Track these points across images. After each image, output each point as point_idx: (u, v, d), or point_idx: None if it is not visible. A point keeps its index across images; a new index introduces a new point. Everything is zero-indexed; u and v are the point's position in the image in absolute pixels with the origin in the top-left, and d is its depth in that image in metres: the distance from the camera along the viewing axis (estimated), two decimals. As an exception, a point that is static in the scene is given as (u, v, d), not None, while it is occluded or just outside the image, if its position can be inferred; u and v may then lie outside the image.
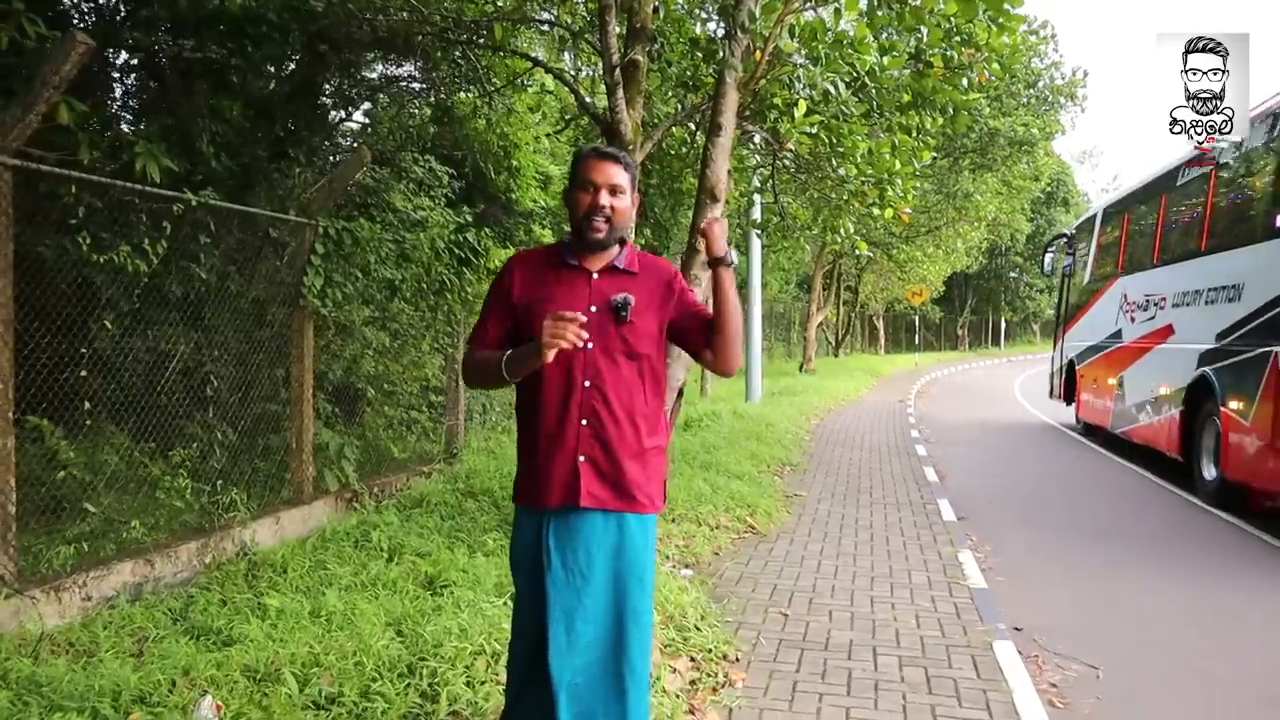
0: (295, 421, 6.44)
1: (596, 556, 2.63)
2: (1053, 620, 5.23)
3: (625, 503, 2.64)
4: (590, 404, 2.62)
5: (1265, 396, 7.49)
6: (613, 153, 2.70)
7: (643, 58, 6.46)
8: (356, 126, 9.95)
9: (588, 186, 2.64)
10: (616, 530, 2.66)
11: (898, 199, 8.19)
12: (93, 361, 5.31)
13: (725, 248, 2.66)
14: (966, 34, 7.41)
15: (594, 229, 2.63)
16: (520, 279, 2.74)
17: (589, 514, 2.63)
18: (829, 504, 8.15)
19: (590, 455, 2.62)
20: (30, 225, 4.88)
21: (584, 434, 2.62)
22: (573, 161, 2.76)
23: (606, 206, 2.63)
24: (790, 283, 34.85)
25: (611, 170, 2.66)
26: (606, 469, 2.63)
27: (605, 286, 2.67)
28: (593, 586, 2.62)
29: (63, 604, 4.48)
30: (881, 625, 4.88)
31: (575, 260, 2.70)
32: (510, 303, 2.73)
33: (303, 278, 6.32)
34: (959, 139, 20.62)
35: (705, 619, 4.63)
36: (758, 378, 16.18)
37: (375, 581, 4.87)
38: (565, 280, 2.69)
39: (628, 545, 2.66)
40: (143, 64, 7.31)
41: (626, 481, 2.63)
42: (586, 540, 2.63)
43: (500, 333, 2.75)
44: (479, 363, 2.72)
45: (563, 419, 2.63)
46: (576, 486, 2.61)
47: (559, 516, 2.64)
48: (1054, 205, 51.58)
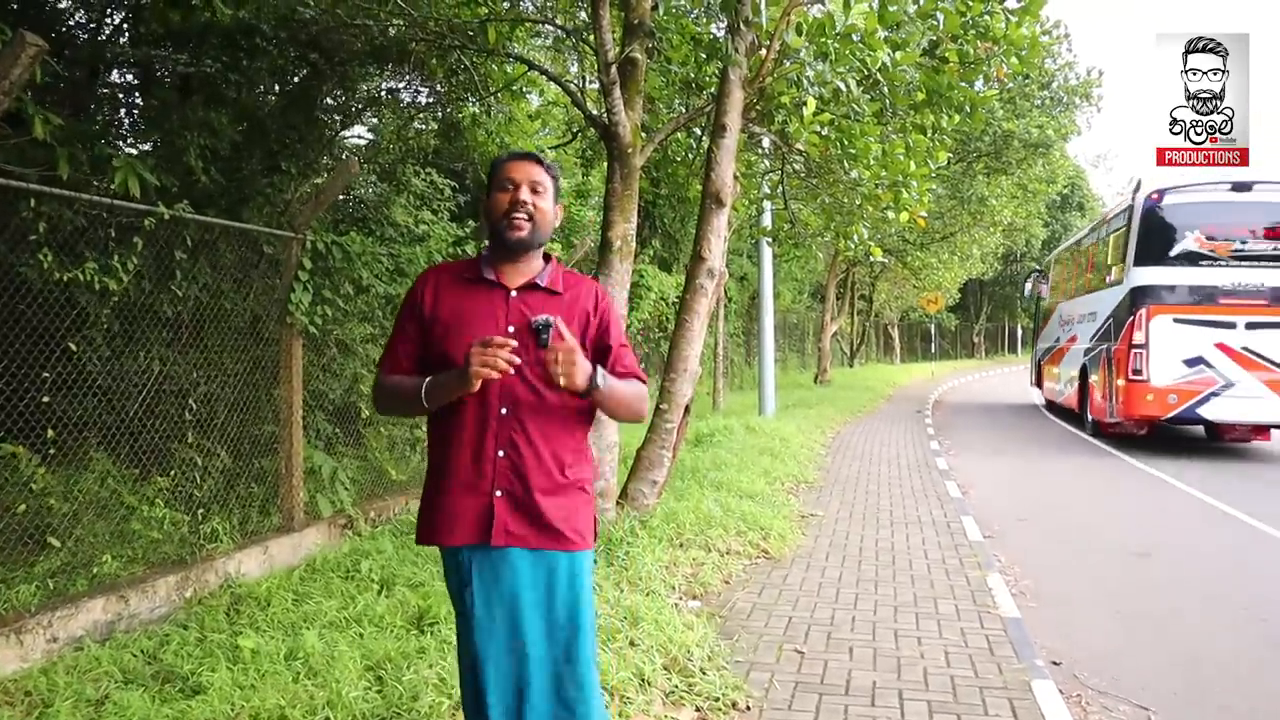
0: (284, 445, 6.15)
1: (522, 598, 2.39)
2: (1092, 650, 4.85)
3: (550, 540, 2.39)
4: (508, 434, 2.40)
5: (1102, 373, 14.30)
6: (532, 154, 2.54)
7: (641, 55, 6.14)
8: (362, 141, 9.78)
9: (506, 185, 2.46)
10: (545, 570, 2.40)
11: (913, 202, 7.87)
12: (65, 384, 5.05)
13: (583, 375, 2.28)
14: (983, 26, 7.08)
15: (514, 226, 2.43)
16: (432, 295, 2.50)
17: (511, 553, 2.38)
18: (847, 524, 7.76)
19: (507, 490, 2.40)
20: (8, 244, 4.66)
21: (501, 466, 2.40)
22: (490, 167, 2.55)
23: (528, 203, 2.44)
24: (803, 292, 34.50)
25: (531, 168, 2.48)
26: (525, 504, 2.39)
27: (524, 305, 2.46)
28: (522, 632, 2.38)
29: (24, 646, 4.18)
30: (907, 664, 4.47)
31: (493, 275, 2.49)
32: (421, 321, 2.48)
33: (290, 294, 6.04)
34: (973, 142, 20.39)
35: (713, 660, 4.24)
36: (771, 390, 15.82)
37: (361, 617, 4.56)
38: (480, 297, 2.46)
39: (558, 586, 2.42)
40: (137, 78, 7.13)
41: (549, 518, 2.39)
42: (510, 582, 2.38)
43: (413, 354, 2.50)
44: (392, 389, 2.49)
45: (479, 450, 2.40)
46: (489, 524, 2.36)
47: (480, 556, 2.39)
48: (1069, 209, 51.06)
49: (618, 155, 6.14)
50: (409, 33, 7.41)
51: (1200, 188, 13.07)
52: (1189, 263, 12.90)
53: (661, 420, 6.73)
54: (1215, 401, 12.58)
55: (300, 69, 7.75)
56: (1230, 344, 12.60)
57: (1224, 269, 12.75)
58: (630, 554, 5.60)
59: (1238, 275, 12.69)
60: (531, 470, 2.38)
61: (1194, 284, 12.81)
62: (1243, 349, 12.59)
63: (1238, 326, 12.59)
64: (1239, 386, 12.50)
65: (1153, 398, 12.75)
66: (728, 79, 6.45)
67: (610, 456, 6.35)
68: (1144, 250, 13.15)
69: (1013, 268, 51.76)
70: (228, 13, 6.23)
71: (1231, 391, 12.52)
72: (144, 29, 6.95)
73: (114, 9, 7.09)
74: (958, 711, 3.92)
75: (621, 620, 4.47)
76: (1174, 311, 12.82)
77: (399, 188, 8.88)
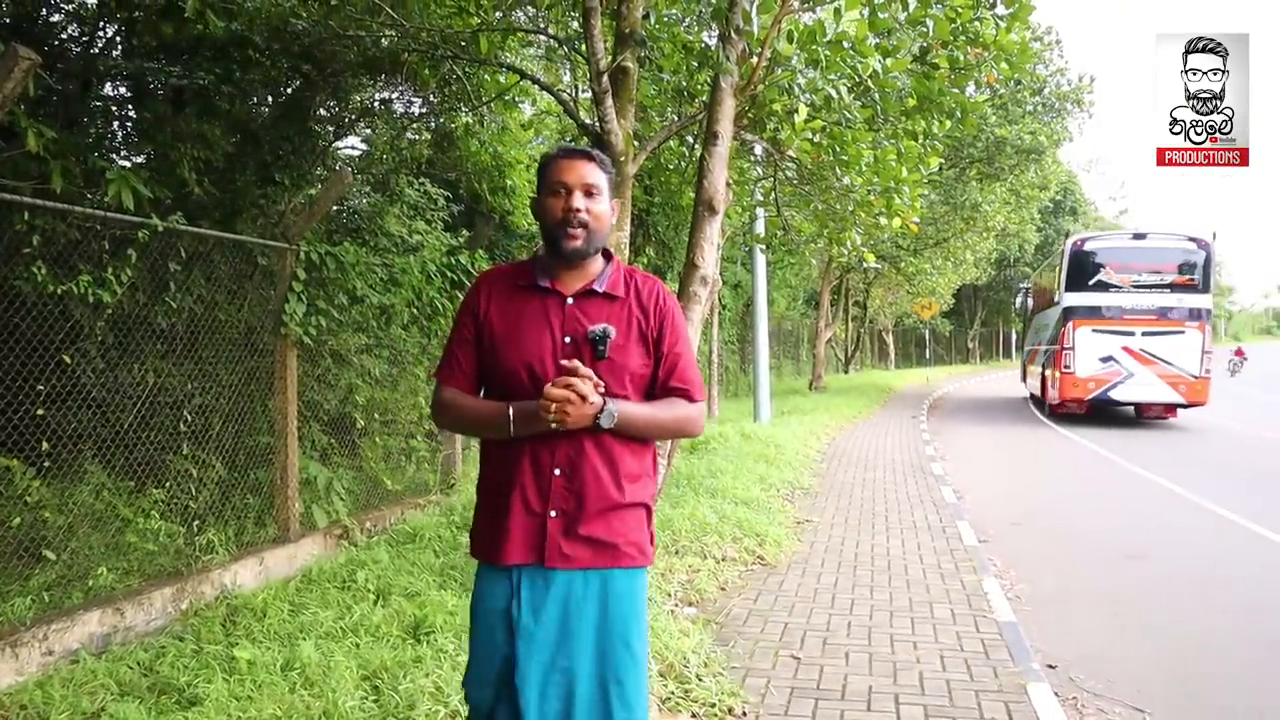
0: (280, 456, 6.14)
1: (574, 617, 2.27)
2: (1087, 652, 4.87)
3: (607, 557, 2.28)
4: (565, 453, 2.27)
5: (1051, 369, 19.07)
6: (585, 150, 2.35)
7: (633, 64, 6.16)
8: (355, 152, 9.78)
9: (559, 190, 2.29)
10: (600, 587, 2.29)
11: (905, 208, 7.88)
12: (60, 397, 5.04)
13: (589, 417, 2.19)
14: (973, 32, 7.10)
15: (569, 236, 2.27)
16: (485, 302, 2.39)
17: (565, 572, 2.27)
18: (843, 530, 7.77)
19: (562, 509, 2.27)
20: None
21: (557, 486, 2.27)
22: (540, 166, 2.39)
23: (582, 210, 2.28)
24: (798, 299, 34.52)
25: (585, 169, 2.31)
26: (581, 525, 2.27)
27: (581, 313, 2.32)
28: (572, 650, 2.26)
29: (20, 660, 4.17)
30: (903, 668, 4.48)
31: (547, 281, 2.35)
32: (479, 328, 2.38)
33: (284, 304, 6.04)
34: (965, 148, 20.45)
35: (709, 666, 4.25)
36: (766, 397, 15.82)
37: (358, 627, 4.56)
38: (534, 305, 2.33)
39: (612, 604, 2.29)
40: (130, 91, 7.14)
41: (606, 536, 2.28)
42: (564, 600, 2.27)
43: (474, 365, 2.40)
44: (465, 409, 2.37)
45: (535, 469, 2.28)
46: (543, 545, 2.26)
47: (533, 574, 2.28)
48: (1062, 214, 51.18)
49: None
50: (402, 43, 7.42)
51: (1109, 235, 19.68)
52: (1102, 290, 17.84)
53: (657, 428, 6.73)
54: (1121, 387, 17.70)
55: (293, 80, 7.76)
56: (1132, 347, 17.58)
57: (1126, 294, 17.69)
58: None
59: (1135, 299, 17.65)
60: (589, 490, 2.26)
61: (1105, 305, 17.78)
62: (1140, 350, 17.52)
63: (1136, 334, 17.55)
64: (1138, 377, 17.53)
65: (1078, 385, 17.86)
66: (719, 87, 6.45)
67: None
68: (1071, 281, 18.12)
69: (1006, 273, 51.88)
70: (220, 25, 6.24)
71: (1132, 380, 17.57)
72: (136, 41, 6.95)
73: (107, 22, 7.09)
74: (954, 715, 3.93)
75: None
76: (1093, 324, 17.80)
77: (392, 198, 8.87)
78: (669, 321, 2.38)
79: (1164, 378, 17.33)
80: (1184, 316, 17.46)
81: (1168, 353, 17.35)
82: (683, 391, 2.37)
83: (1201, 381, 17.23)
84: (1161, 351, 17.36)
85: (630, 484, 2.32)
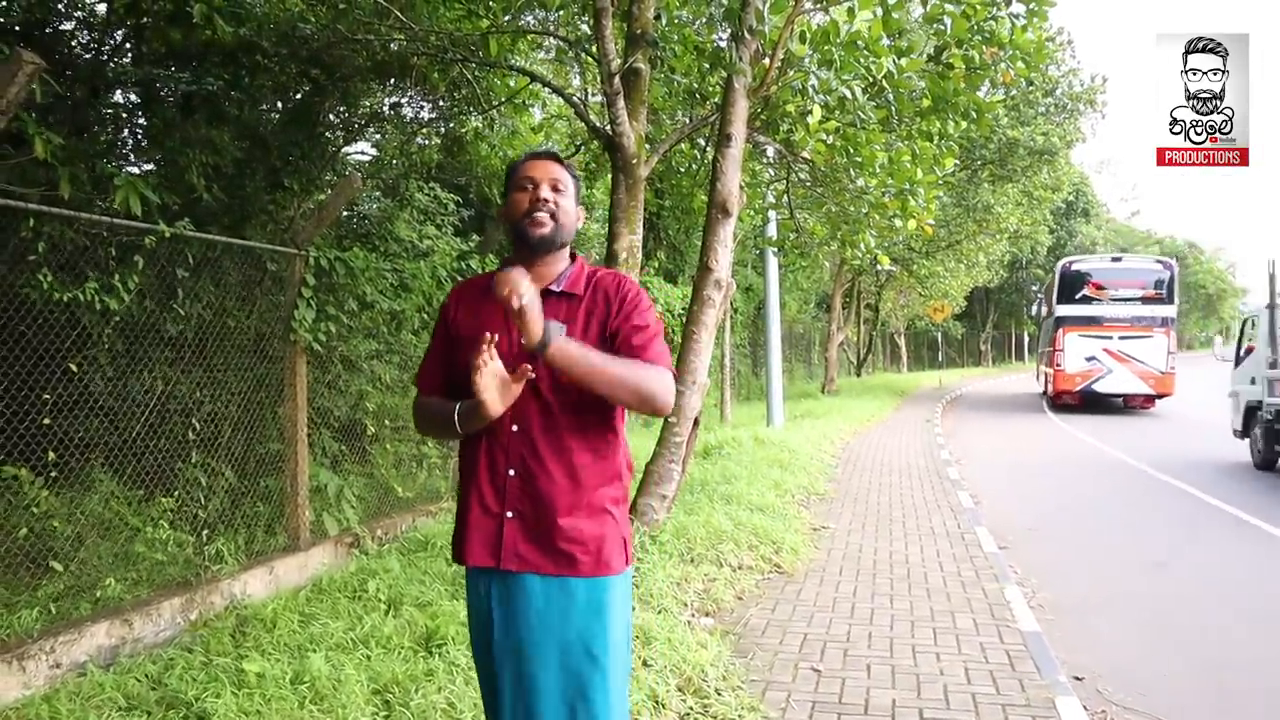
0: (289, 463, 6.08)
1: (538, 628, 2.23)
2: (1114, 662, 4.75)
3: (563, 566, 2.23)
4: (519, 452, 2.26)
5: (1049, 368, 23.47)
6: (551, 152, 2.43)
7: (644, 66, 6.08)
8: (365, 157, 9.74)
9: (525, 185, 2.33)
10: (560, 596, 2.24)
11: (920, 210, 7.79)
12: (68, 405, 4.99)
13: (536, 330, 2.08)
14: (989, 31, 7.01)
15: (536, 224, 2.29)
16: (454, 309, 2.43)
17: (526, 578, 2.24)
18: (860, 537, 7.65)
19: (518, 510, 2.26)
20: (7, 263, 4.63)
21: (511, 486, 2.26)
22: (507, 171, 2.42)
23: (549, 200, 2.31)
24: (809, 302, 34.39)
25: (551, 167, 2.36)
26: (538, 527, 2.24)
27: None
28: (535, 666, 2.22)
29: (27, 673, 4.11)
30: (927, 681, 4.36)
31: None
32: (450, 337, 2.41)
33: (293, 311, 5.98)
34: (978, 149, 20.34)
35: (728, 680, 4.14)
36: (779, 401, 15.70)
37: (369, 638, 4.47)
38: (495, 308, 2.26)
39: (575, 616, 2.23)
40: (139, 97, 7.10)
41: (563, 541, 2.23)
42: (525, 608, 2.24)
43: (444, 372, 2.42)
44: (428, 411, 2.41)
45: (491, 469, 2.28)
46: (499, 546, 2.25)
47: (498, 580, 2.27)
48: (1074, 216, 50.95)
49: (622, 166, 6.08)
50: (410, 47, 7.37)
51: (1091, 258, 24.79)
52: (1086, 302, 22.08)
53: (670, 434, 6.65)
54: (1102, 381, 21.76)
55: (302, 85, 7.72)
56: (1110, 348, 21.60)
57: (1106, 305, 21.90)
58: (641, 570, 5.50)
59: (1113, 309, 21.82)
60: (545, 490, 2.24)
61: (1089, 315, 21.97)
62: (1118, 351, 21.53)
63: (1114, 338, 21.55)
64: (1115, 373, 21.62)
65: (1067, 380, 22.04)
66: (732, 88, 6.38)
67: (619, 471, 6.25)
68: (1061, 295, 22.46)
69: (1019, 275, 51.61)
70: (229, 30, 6.20)
71: (1111, 376, 21.65)
72: (146, 48, 6.92)
73: (116, 28, 7.05)
74: (980, 730, 3.83)
75: (634, 640, 4.37)
76: (1078, 330, 21.95)
77: (402, 203, 8.84)
78: (628, 302, 2.33)
79: (1137, 374, 21.35)
80: (1153, 324, 21.51)
81: (1140, 353, 21.32)
82: (645, 359, 2.26)
83: (1168, 376, 21.16)
84: (1134, 352, 21.39)
85: (590, 487, 2.28)
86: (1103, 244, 55.41)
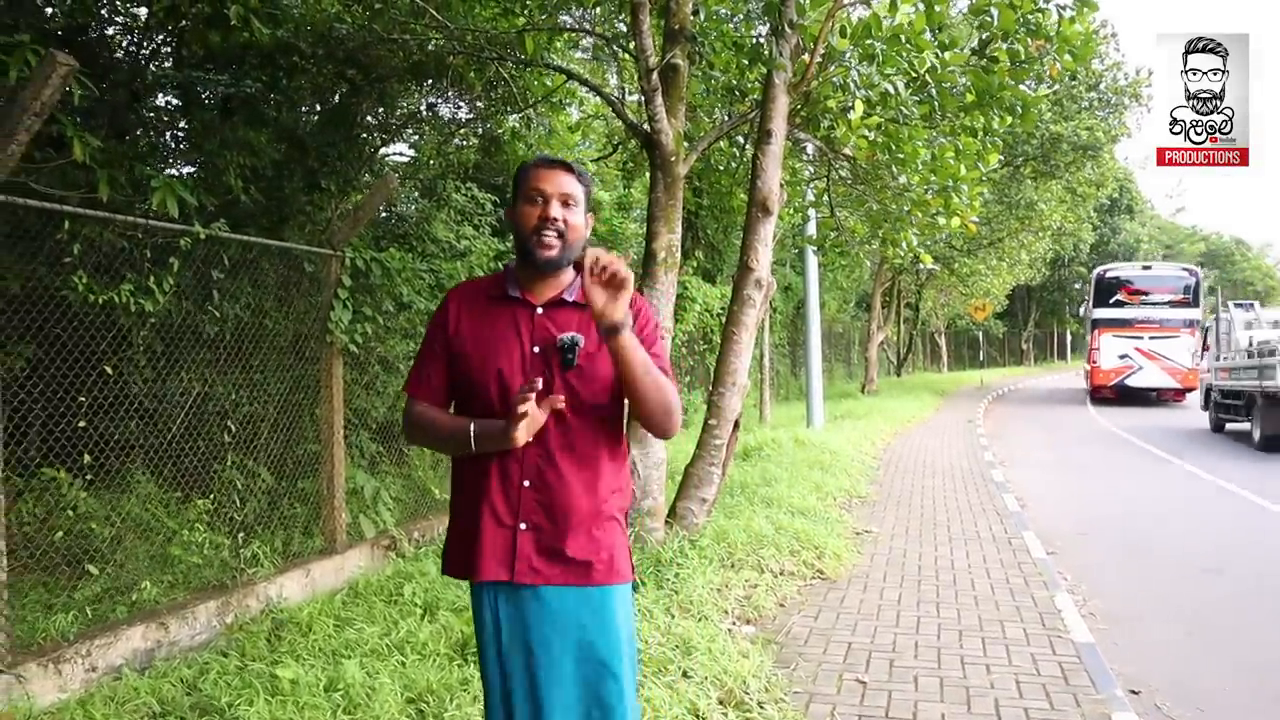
0: (326, 465, 6.05)
1: (553, 639, 2.18)
2: (1171, 674, 4.58)
3: (579, 574, 2.20)
4: (534, 463, 2.21)
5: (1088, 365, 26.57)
6: (563, 161, 2.30)
7: (683, 61, 5.97)
8: (403, 159, 9.73)
9: (535, 198, 2.24)
10: (573, 606, 2.20)
11: (963, 207, 7.62)
12: (107, 406, 4.99)
13: (618, 313, 2.06)
14: (1035, 24, 6.82)
15: (544, 245, 2.22)
16: (456, 314, 2.33)
17: (539, 589, 2.19)
18: (904, 541, 7.48)
19: (533, 523, 2.21)
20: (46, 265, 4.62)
21: (526, 498, 2.21)
22: (516, 174, 2.33)
23: (559, 219, 2.22)
24: (849, 302, 34.07)
25: (562, 179, 2.26)
26: (552, 538, 2.20)
27: (550, 323, 2.26)
28: (553, 674, 2.17)
29: (63, 676, 4.10)
30: (977, 694, 4.20)
31: (517, 291, 2.30)
32: (448, 342, 2.31)
33: (329, 312, 5.96)
34: (1020, 145, 19.99)
35: (770, 692, 4.02)
36: (819, 402, 15.52)
37: (404, 644, 4.42)
38: (504, 316, 2.27)
39: (590, 623, 2.20)
40: (179, 100, 7.13)
41: (578, 551, 2.20)
42: (538, 620, 2.19)
43: (444, 379, 2.33)
44: (433, 427, 2.31)
45: (503, 480, 2.21)
46: (512, 559, 2.19)
47: (506, 593, 2.22)
48: (1118, 213, 50.03)
49: (660, 164, 5.98)
50: (447, 46, 7.32)
51: (1124, 266, 27.76)
52: (1119, 306, 24.95)
53: (710, 436, 6.53)
54: (1133, 377, 24.32)
55: (339, 87, 7.71)
56: (1141, 347, 24.21)
57: (1137, 309, 24.72)
58: (680, 576, 5.39)
59: (1143, 312, 24.63)
60: (559, 502, 2.20)
61: (1122, 317, 24.70)
62: (1148, 349, 24.14)
63: (1144, 338, 24.20)
64: (1146, 369, 24.19)
65: (1103, 375, 24.78)
66: (772, 84, 6.25)
67: (658, 474, 6.15)
68: (1097, 300, 25.47)
69: (1061, 273, 50.78)
70: (266, 32, 6.20)
71: (1142, 372, 24.23)
72: (186, 51, 6.95)
73: (156, 32, 7.08)
74: (1035, 748, 3.68)
75: (673, 650, 4.25)
76: (1112, 331, 24.69)
77: (440, 203, 8.82)
78: (640, 316, 2.28)
79: (1165, 370, 23.91)
80: (1179, 325, 24.06)
81: (1167, 351, 23.88)
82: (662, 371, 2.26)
83: (1193, 372, 22.35)
84: (1162, 350, 23.99)
85: (603, 497, 2.26)
86: (1147, 241, 54.48)
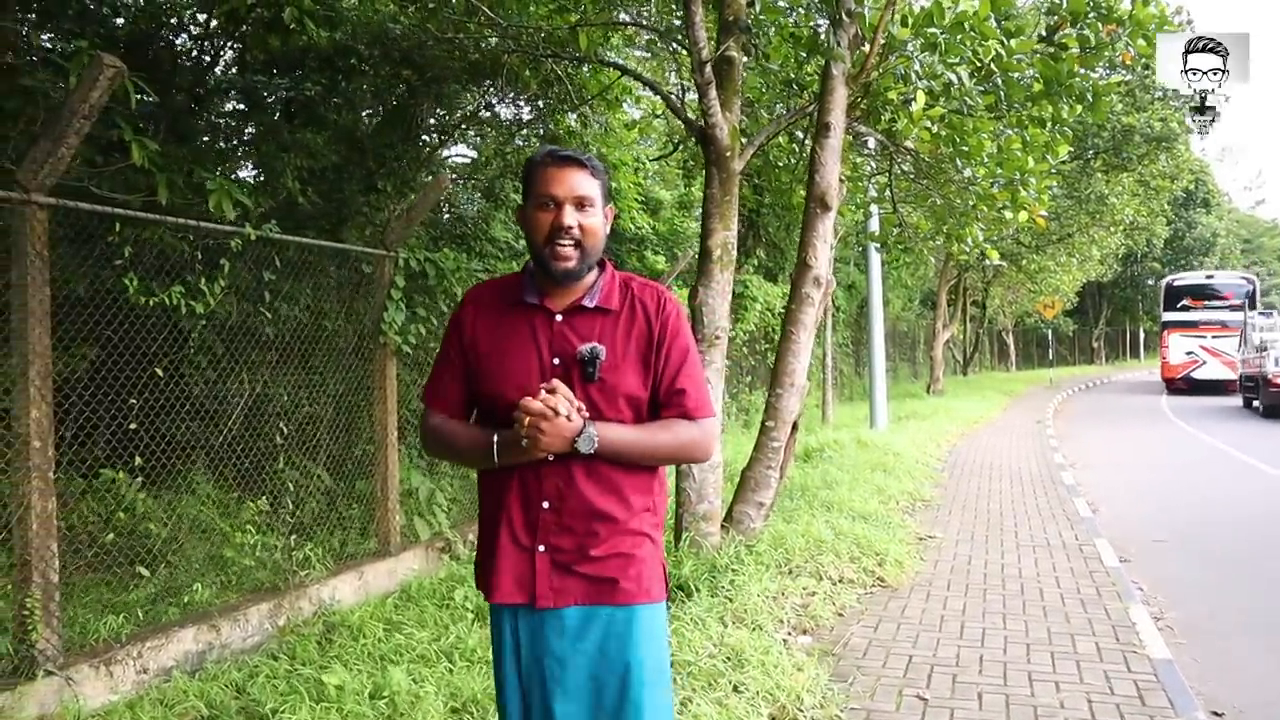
0: (380, 466, 6.04)
1: (570, 660, 2.05)
2: (1256, 695, 4.31)
3: (603, 594, 2.07)
4: (555, 483, 2.07)
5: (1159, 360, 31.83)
6: (574, 155, 2.10)
7: (737, 53, 5.82)
8: (464, 160, 9.75)
9: (546, 203, 2.07)
10: (598, 626, 2.07)
11: (1031, 200, 7.34)
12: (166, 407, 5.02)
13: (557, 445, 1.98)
14: (1106, 8, 6.54)
15: (560, 257, 2.05)
16: (472, 320, 2.19)
17: (557, 614, 2.06)
18: (968, 547, 7.23)
19: (552, 545, 2.08)
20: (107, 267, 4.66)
21: (545, 520, 2.08)
22: (525, 170, 2.15)
23: (574, 227, 2.05)
24: (913, 300, 33.50)
25: (575, 179, 2.07)
26: (573, 560, 2.07)
27: (570, 331, 2.11)
28: (572, 697, 2.05)
29: (114, 678, 4.11)
30: (1045, 714, 3.98)
31: (535, 298, 2.13)
32: (464, 349, 2.17)
33: (383, 313, 5.95)
34: (1090, 138, 19.41)
35: (825, 709, 3.85)
36: (882, 402, 15.23)
37: (453, 650, 4.37)
38: (520, 324, 2.12)
39: (613, 646, 2.07)
40: (243, 104, 7.22)
41: (603, 570, 2.07)
42: (558, 640, 2.06)
43: (460, 390, 2.20)
44: (453, 440, 2.19)
45: (523, 500, 2.09)
46: (532, 583, 2.07)
47: (525, 613, 2.10)
48: (1194, 206, 48.50)
49: (715, 159, 5.84)
50: (501, 45, 7.28)
51: (1189, 275, 33.24)
52: (1185, 310, 29.51)
53: (768, 438, 6.37)
54: (1198, 370, 28.50)
55: (396, 88, 7.73)
56: (1205, 345, 28.46)
57: (1200, 312, 29.11)
58: (736, 583, 5.24)
59: (1206, 315, 28.82)
60: (580, 523, 2.07)
61: (1187, 319, 29.11)
62: (1211, 347, 28.20)
63: (1207, 337, 28.43)
64: (1209, 364, 28.28)
65: (1171, 369, 29.18)
66: (830, 75, 6.08)
67: (714, 477, 6.01)
68: (1166, 304, 30.27)
69: (1133, 269, 49.39)
70: (323, 35, 6.22)
71: (1205, 366, 28.38)
72: (249, 56, 7.03)
73: (219, 39, 7.19)
74: (1109, 774, 3.47)
75: (724, 662, 4.12)
76: (1180, 331, 29.22)
77: (498, 204, 8.80)
78: (670, 328, 2.13)
79: (1224, 363, 27.43)
80: (1237, 325, 25.74)
81: (1226, 348, 27.30)
82: (681, 410, 2.13)
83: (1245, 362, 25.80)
84: (1223, 347, 27.60)
85: (630, 515, 2.11)
86: (1224, 235, 52.78)
